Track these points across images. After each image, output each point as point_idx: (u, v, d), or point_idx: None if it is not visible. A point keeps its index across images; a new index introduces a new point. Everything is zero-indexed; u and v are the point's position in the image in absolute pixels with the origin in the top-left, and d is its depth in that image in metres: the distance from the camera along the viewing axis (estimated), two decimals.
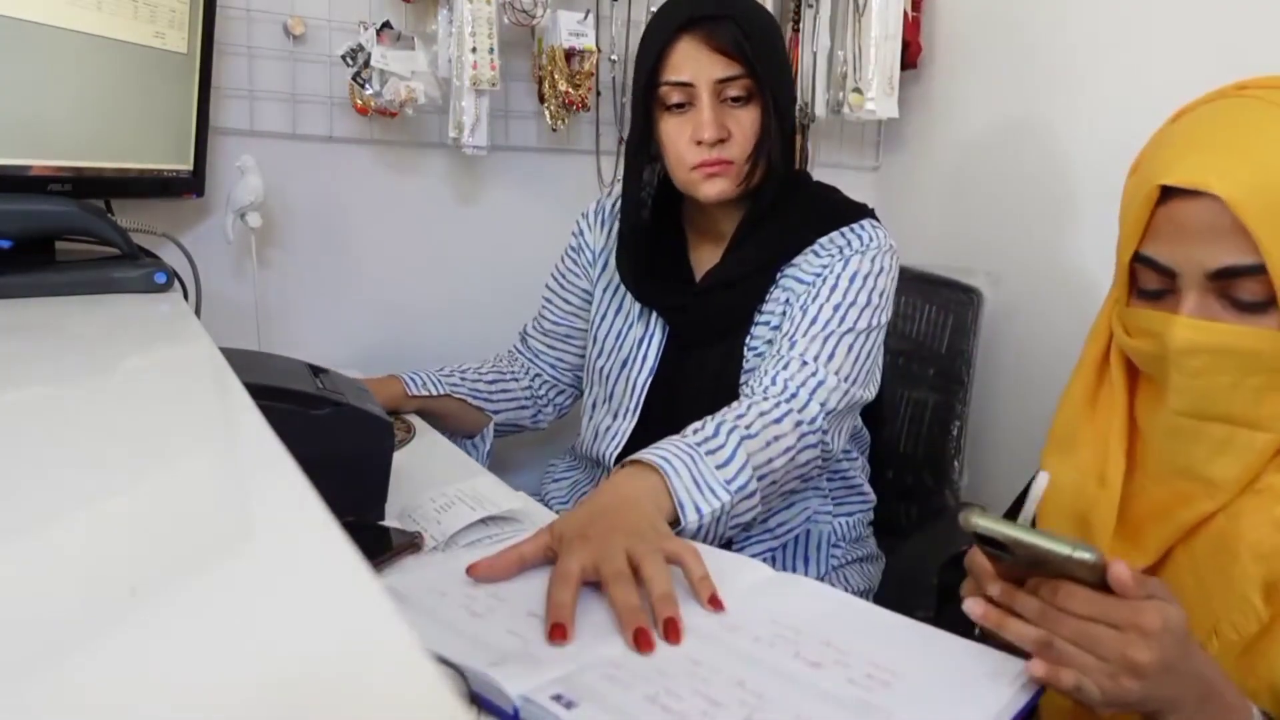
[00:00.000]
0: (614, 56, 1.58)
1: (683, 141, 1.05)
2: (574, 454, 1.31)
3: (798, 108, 1.75)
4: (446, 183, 1.56)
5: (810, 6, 1.70)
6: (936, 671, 0.58)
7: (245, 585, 0.31)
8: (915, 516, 1.49)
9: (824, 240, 1.09)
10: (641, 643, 0.59)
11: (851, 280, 1.05)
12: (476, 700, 0.55)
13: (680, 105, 1.04)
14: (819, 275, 1.07)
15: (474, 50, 1.35)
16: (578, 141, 1.62)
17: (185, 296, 1.06)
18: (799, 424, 0.96)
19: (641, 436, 1.14)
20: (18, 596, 0.29)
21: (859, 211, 1.13)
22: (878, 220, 1.13)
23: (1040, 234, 1.60)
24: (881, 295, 1.06)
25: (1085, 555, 0.55)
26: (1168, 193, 0.67)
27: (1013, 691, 0.56)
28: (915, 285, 1.58)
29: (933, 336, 1.54)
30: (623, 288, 1.19)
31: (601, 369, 1.21)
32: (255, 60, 1.36)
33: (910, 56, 1.75)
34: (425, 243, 1.55)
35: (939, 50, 1.80)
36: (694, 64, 1.02)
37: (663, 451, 0.85)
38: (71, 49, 0.99)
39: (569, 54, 1.46)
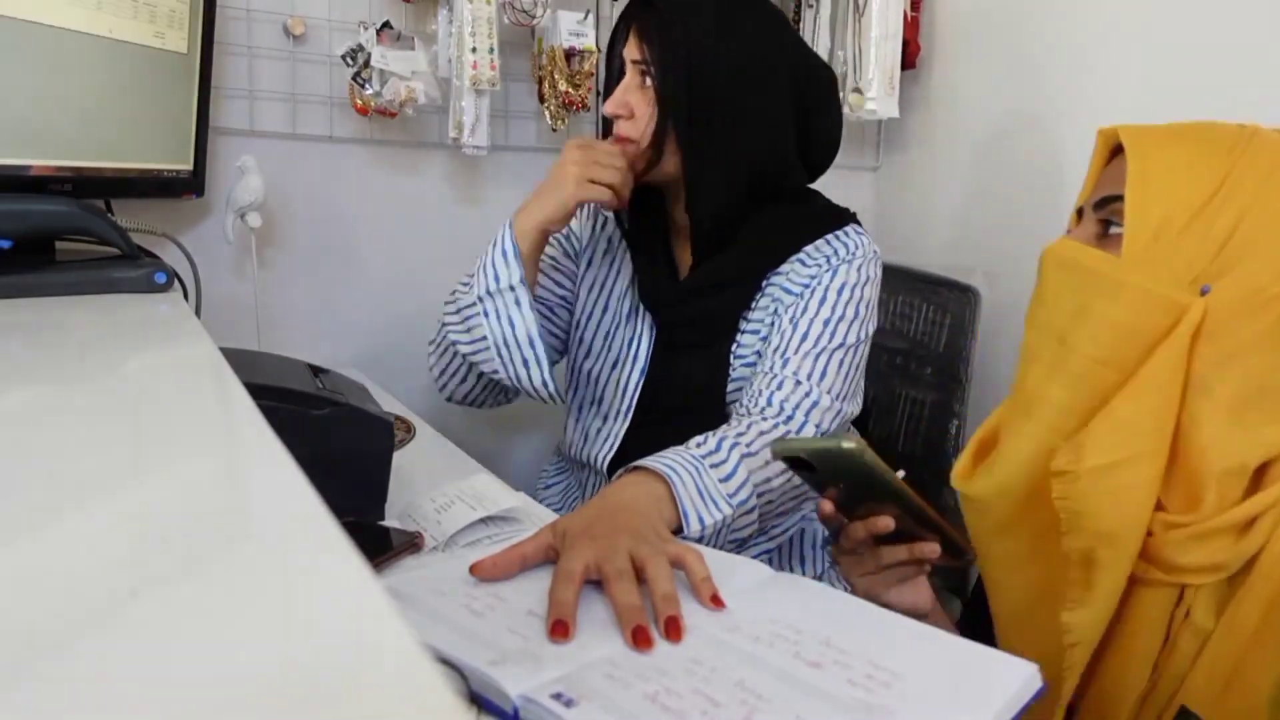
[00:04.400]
0: None
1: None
2: (560, 455, 1.29)
3: None
4: (446, 183, 1.56)
5: (810, 6, 1.70)
6: (936, 672, 0.58)
7: (245, 585, 0.31)
8: None
9: (810, 249, 1.08)
10: (640, 640, 0.59)
11: (840, 292, 1.05)
12: (476, 700, 0.55)
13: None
14: (807, 286, 1.06)
15: (474, 50, 1.35)
16: None
17: (185, 296, 1.06)
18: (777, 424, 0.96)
19: (632, 439, 1.13)
20: (17, 597, 0.29)
21: (843, 217, 1.12)
22: (861, 225, 1.12)
23: (1041, 233, 1.60)
24: (868, 306, 1.07)
25: (849, 445, 0.69)
26: (1112, 157, 0.75)
27: (1013, 692, 0.56)
28: (913, 285, 1.58)
29: (931, 336, 1.54)
30: (607, 286, 1.18)
31: (590, 370, 1.19)
32: (255, 60, 1.36)
33: (910, 56, 1.75)
34: (425, 243, 1.55)
35: (939, 50, 1.80)
36: (627, 44, 1.06)
37: (668, 460, 0.85)
38: (71, 49, 0.99)
39: (569, 54, 1.46)
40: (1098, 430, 0.67)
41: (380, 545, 0.77)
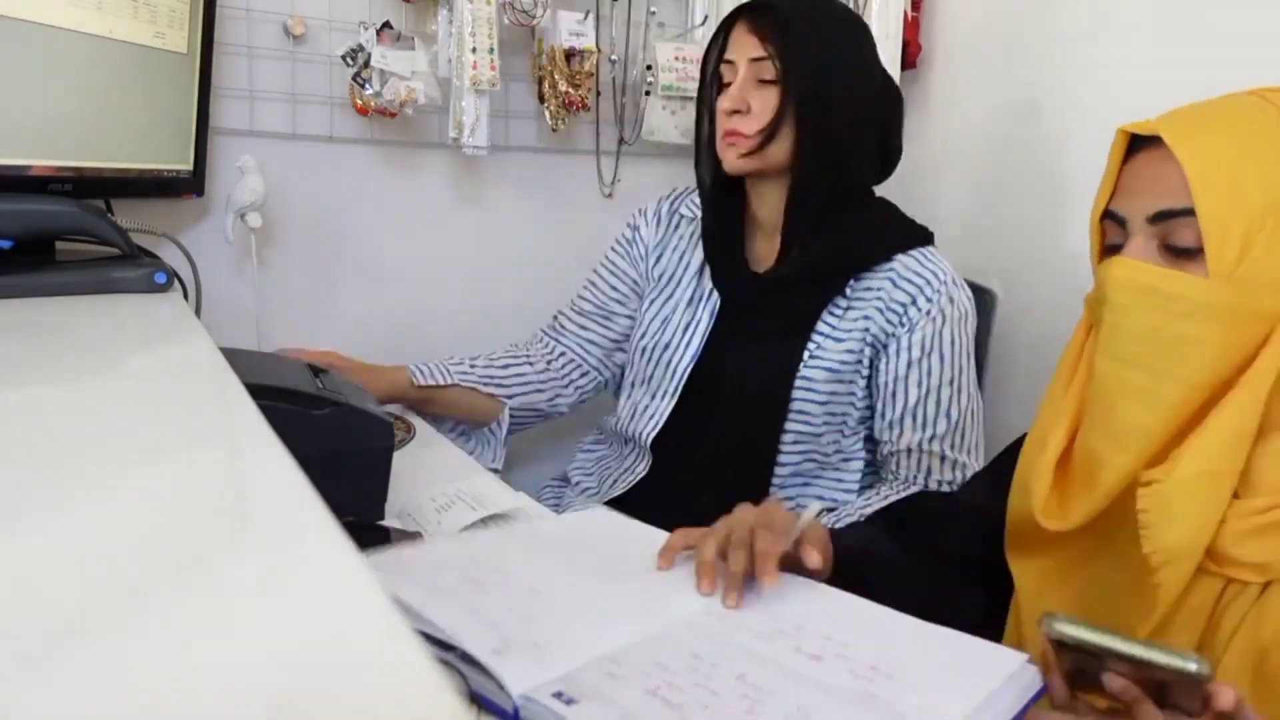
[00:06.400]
0: (614, 56, 1.58)
1: (719, 113, 1.14)
2: (601, 429, 1.35)
3: None
4: (446, 183, 1.56)
5: None
6: (938, 667, 0.58)
7: (245, 585, 0.31)
8: None
9: (899, 268, 1.14)
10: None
11: (953, 344, 1.13)
12: (476, 700, 0.55)
13: (729, 83, 1.13)
14: (905, 325, 1.12)
15: (474, 50, 1.35)
16: (578, 141, 1.62)
17: (185, 296, 1.06)
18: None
19: (679, 419, 1.19)
20: (18, 596, 0.29)
21: (924, 235, 1.19)
22: (934, 245, 1.19)
23: (1045, 233, 1.60)
24: (970, 354, 1.17)
25: (1192, 666, 0.54)
26: (1134, 149, 0.72)
27: (1015, 687, 0.56)
28: None
29: None
30: (674, 278, 1.25)
31: (643, 348, 1.25)
32: (255, 60, 1.36)
33: (910, 56, 1.75)
34: (425, 243, 1.55)
35: (939, 50, 1.80)
36: (737, 45, 1.13)
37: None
38: (71, 49, 0.99)
39: (569, 54, 1.46)
40: (1196, 443, 0.66)
41: (380, 545, 0.77)
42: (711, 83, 1.17)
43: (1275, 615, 0.65)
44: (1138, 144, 0.72)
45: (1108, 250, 0.75)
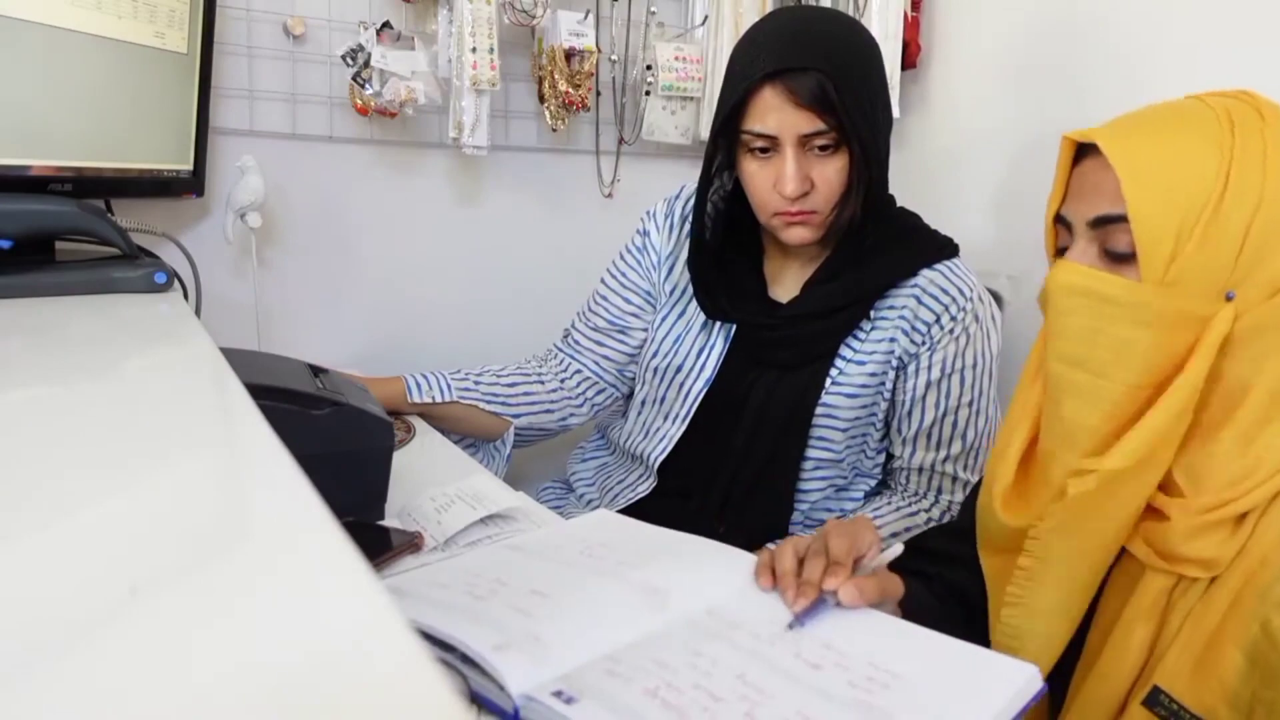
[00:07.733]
0: (614, 56, 1.58)
1: (764, 187, 1.03)
2: (603, 434, 1.31)
3: None
4: (446, 183, 1.56)
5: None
6: (936, 674, 0.58)
7: (245, 585, 0.31)
8: None
9: (924, 283, 1.09)
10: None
11: (975, 367, 1.10)
12: (476, 700, 0.55)
13: (764, 150, 1.02)
14: (927, 344, 1.09)
15: (474, 50, 1.35)
16: (578, 141, 1.62)
17: (185, 296, 1.06)
18: (930, 520, 1.11)
19: (690, 444, 1.15)
20: (18, 596, 0.29)
21: (948, 248, 1.13)
22: (959, 257, 1.14)
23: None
24: (994, 375, 1.13)
25: None
26: (1082, 154, 0.74)
27: (1012, 694, 0.56)
28: None
29: None
30: (688, 294, 1.17)
31: (655, 368, 1.19)
32: (255, 60, 1.36)
33: (910, 56, 1.75)
34: (425, 243, 1.55)
35: (939, 50, 1.80)
36: (777, 116, 0.99)
37: None
38: (71, 49, 0.99)
39: (569, 54, 1.47)
40: (1125, 442, 0.67)
41: (380, 545, 0.77)
42: (730, 141, 1.05)
43: (1217, 608, 0.68)
44: (1085, 149, 0.73)
45: (1060, 253, 0.76)
